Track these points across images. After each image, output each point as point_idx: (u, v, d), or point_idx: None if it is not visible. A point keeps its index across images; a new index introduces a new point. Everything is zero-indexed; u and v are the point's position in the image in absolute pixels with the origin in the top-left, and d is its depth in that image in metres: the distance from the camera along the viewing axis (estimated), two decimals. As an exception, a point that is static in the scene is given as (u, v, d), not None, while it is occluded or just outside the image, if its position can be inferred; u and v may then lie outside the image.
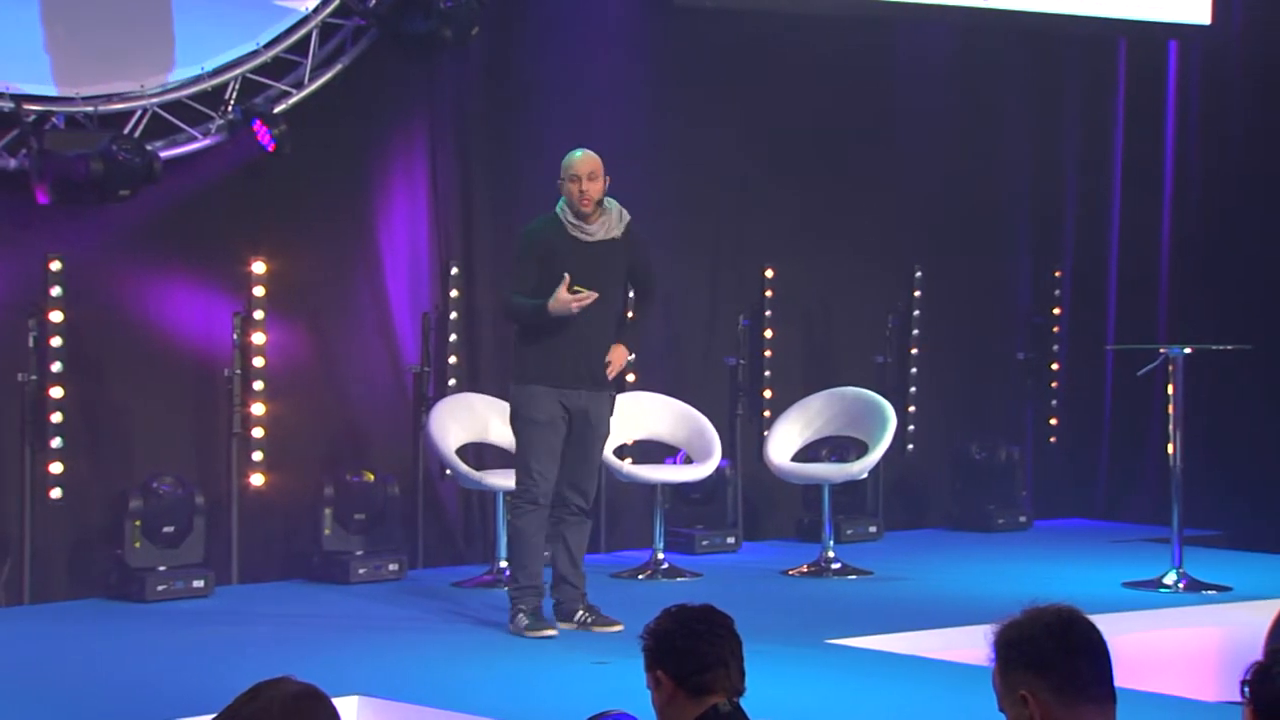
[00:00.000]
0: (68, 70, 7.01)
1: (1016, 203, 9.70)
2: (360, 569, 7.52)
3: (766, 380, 8.70)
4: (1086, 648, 2.60)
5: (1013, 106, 9.61)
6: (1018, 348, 9.58)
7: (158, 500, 7.11)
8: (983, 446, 9.20)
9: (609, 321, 6.37)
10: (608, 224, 6.36)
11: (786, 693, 5.29)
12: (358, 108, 7.79)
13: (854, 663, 6.12)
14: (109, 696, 5.47)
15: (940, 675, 5.91)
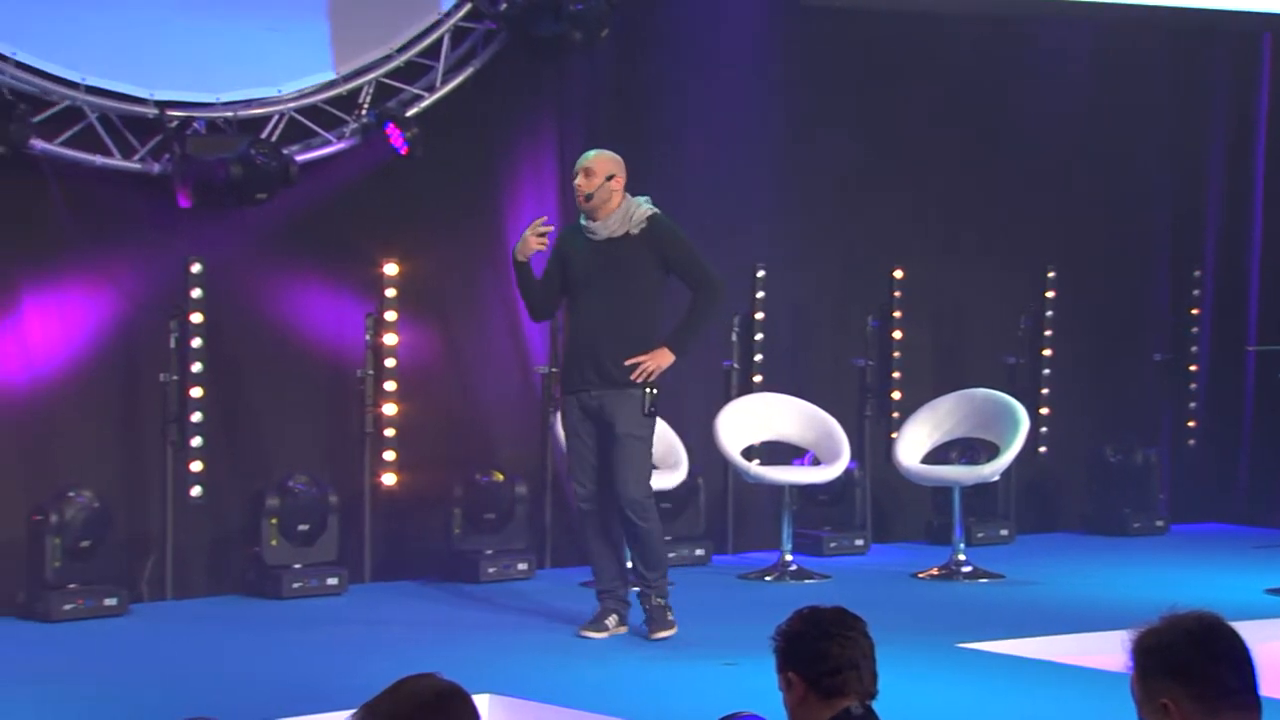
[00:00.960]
0: (208, 76, 7.23)
1: (1155, 201, 9.58)
2: (489, 568, 7.66)
3: (895, 382, 8.70)
4: (1229, 654, 2.58)
5: (1151, 103, 9.49)
6: (1155, 348, 9.47)
7: (293, 499, 7.30)
8: (1118, 449, 9.10)
9: (619, 320, 6.29)
10: (616, 221, 6.31)
11: (918, 696, 5.30)
12: (488, 110, 7.93)
13: (986, 667, 6.11)
14: (246, 691, 5.60)
15: (1074, 681, 5.88)
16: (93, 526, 6.76)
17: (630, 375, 6.26)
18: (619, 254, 6.30)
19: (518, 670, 5.92)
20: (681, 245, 6.38)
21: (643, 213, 6.33)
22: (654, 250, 6.31)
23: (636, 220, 6.31)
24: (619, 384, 6.27)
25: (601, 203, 6.33)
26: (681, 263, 6.36)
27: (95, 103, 6.97)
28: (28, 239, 6.88)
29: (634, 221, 6.31)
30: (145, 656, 6.17)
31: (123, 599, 6.78)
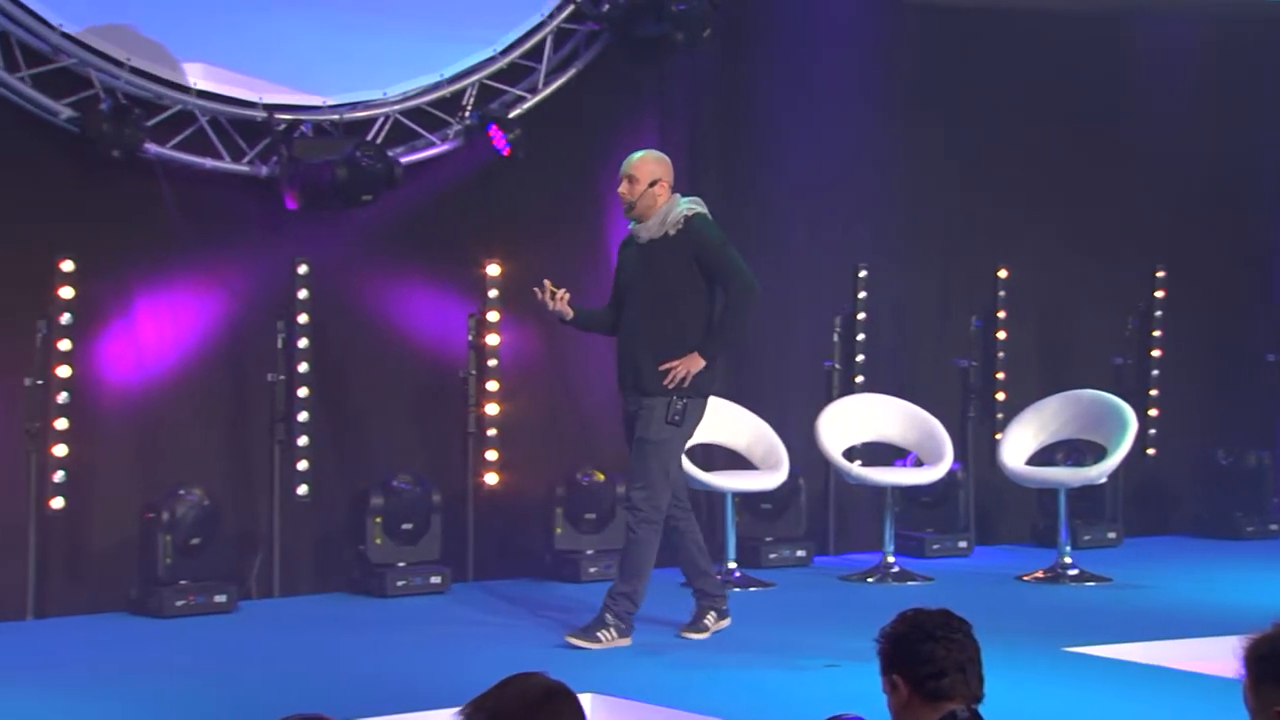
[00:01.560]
0: (316, 79, 7.36)
1: (1267, 199, 9.44)
2: (591, 568, 7.72)
3: (999, 382, 8.65)
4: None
5: (1266, 99, 9.35)
6: (1268, 349, 9.32)
7: (397, 498, 7.41)
8: (1230, 451, 8.98)
9: (652, 323, 6.21)
10: (656, 224, 6.24)
11: (1024, 701, 5.28)
12: (590, 111, 8.00)
13: (1093, 671, 6.07)
14: (352, 688, 5.68)
15: (1184, 687, 5.82)
16: (203, 524, 6.90)
17: (663, 382, 6.16)
18: (656, 256, 6.23)
19: (619, 670, 5.95)
20: (713, 245, 6.22)
21: (680, 213, 6.22)
22: (687, 251, 6.20)
23: (673, 221, 6.22)
24: (650, 392, 6.18)
25: (646, 208, 6.25)
26: (713, 264, 6.21)
27: (206, 106, 7.13)
28: (140, 240, 7.04)
29: (670, 222, 6.22)
30: (253, 653, 6.28)
31: (231, 595, 6.92)
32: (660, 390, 6.15)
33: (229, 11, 7.23)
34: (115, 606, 6.85)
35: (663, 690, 5.66)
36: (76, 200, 6.88)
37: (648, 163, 6.28)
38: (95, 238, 6.84)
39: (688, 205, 6.27)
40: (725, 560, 7.68)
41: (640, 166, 6.27)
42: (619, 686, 5.64)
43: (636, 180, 6.25)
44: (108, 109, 6.77)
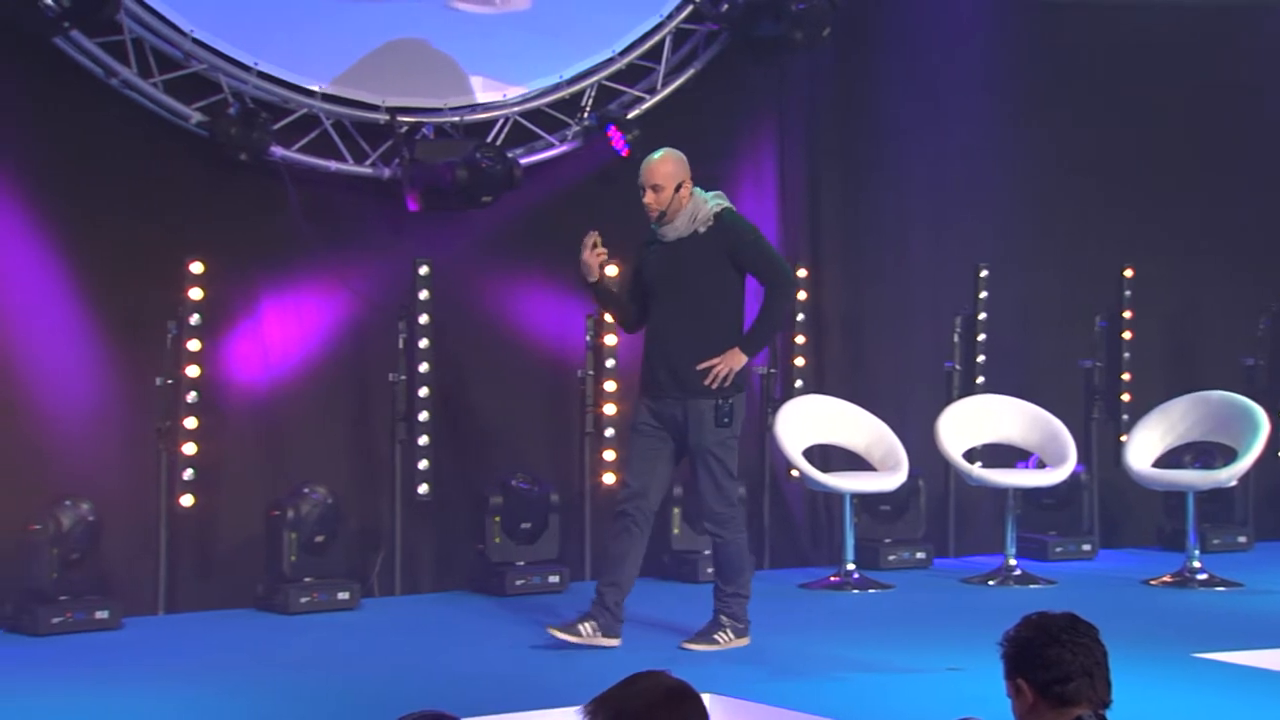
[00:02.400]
0: (437, 82, 7.47)
1: None
2: (708, 568, 7.73)
3: (1124, 384, 8.55)
4: None
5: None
6: None
7: (516, 497, 7.50)
8: (1366, 455, 8.80)
9: (690, 323, 6.09)
10: (683, 222, 6.12)
11: (1152, 707, 5.24)
12: (708, 111, 8.04)
13: (1224, 678, 5.99)
14: (473, 685, 5.75)
15: (1319, 695, 5.73)
16: (326, 522, 7.03)
17: (704, 380, 6.04)
18: (687, 254, 6.10)
19: (738, 670, 5.98)
20: (748, 240, 6.13)
21: (709, 210, 6.11)
22: (721, 247, 6.08)
23: (703, 218, 6.10)
24: (694, 391, 6.05)
25: (675, 213, 6.13)
26: (749, 259, 6.11)
27: (330, 110, 7.27)
28: (266, 242, 7.19)
29: (700, 220, 6.10)
30: (375, 649, 6.39)
31: (354, 593, 7.05)
32: (705, 391, 6.04)
33: (351, 15, 7.36)
34: (242, 603, 7.00)
35: (782, 692, 5.68)
36: (205, 203, 7.05)
37: (668, 169, 6.13)
38: (223, 240, 7.00)
39: (715, 201, 6.16)
40: (844, 561, 7.68)
41: (663, 173, 6.12)
42: (738, 687, 5.66)
43: (662, 188, 6.11)
44: (235, 113, 6.93)
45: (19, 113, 6.63)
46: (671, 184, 6.11)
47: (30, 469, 6.59)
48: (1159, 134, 8.82)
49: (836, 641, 6.48)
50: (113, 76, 6.80)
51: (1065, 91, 8.68)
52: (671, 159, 6.18)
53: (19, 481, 6.54)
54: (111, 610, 6.51)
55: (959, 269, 8.46)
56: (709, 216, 6.10)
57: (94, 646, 6.23)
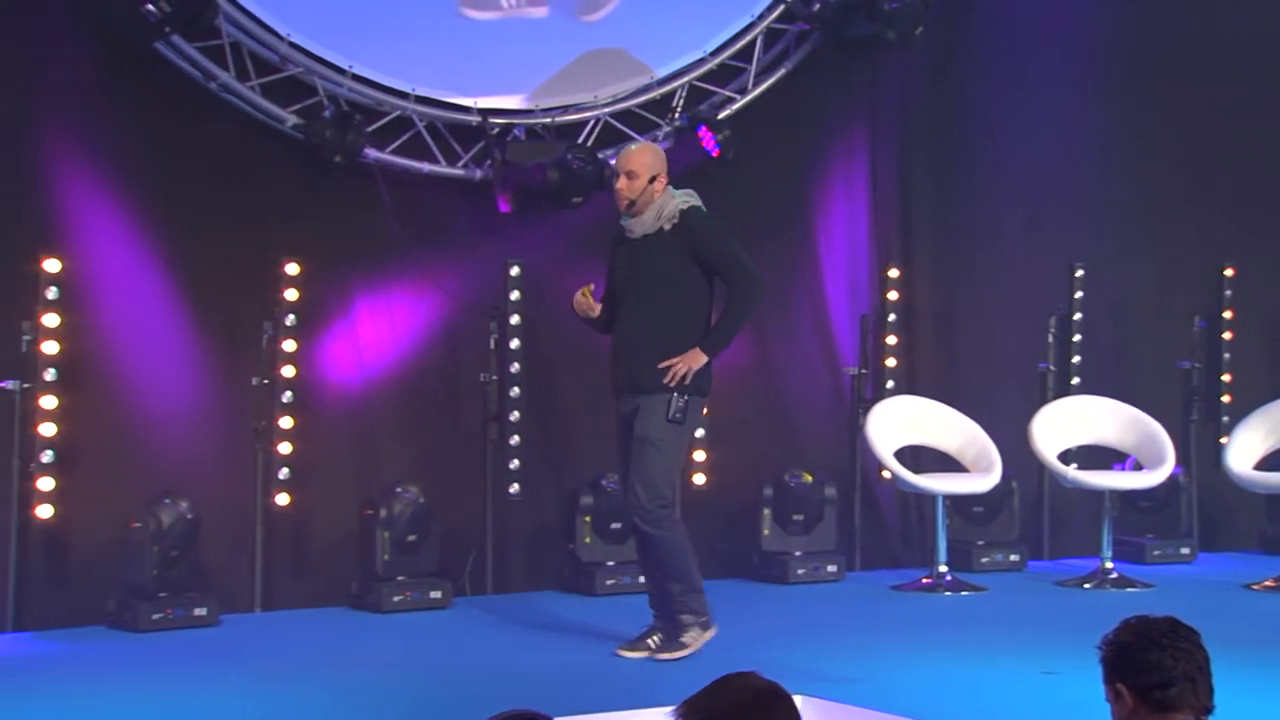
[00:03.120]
0: (528, 83, 7.54)
1: None
2: (799, 569, 7.77)
3: (1224, 385, 8.46)
4: None
5: None
6: None
7: (606, 497, 7.55)
8: None
9: (651, 322, 5.95)
10: (650, 218, 5.98)
11: (1257, 714, 5.19)
12: (799, 111, 8.05)
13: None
14: (565, 685, 5.78)
15: None
16: (419, 521, 7.13)
17: (663, 379, 5.90)
18: (651, 251, 5.97)
19: (828, 672, 5.97)
20: (712, 239, 5.96)
21: (675, 206, 5.96)
22: (685, 246, 5.93)
23: (668, 216, 5.96)
24: (649, 390, 5.92)
25: (645, 204, 5.99)
26: (713, 257, 5.94)
27: (423, 112, 7.37)
28: (360, 243, 7.29)
29: (665, 217, 5.96)
30: (467, 648, 6.45)
31: (446, 592, 7.13)
32: (660, 388, 5.90)
33: (443, 17, 7.45)
34: (336, 601, 7.11)
35: (874, 694, 5.68)
36: (300, 205, 7.17)
37: (646, 159, 6.00)
38: (318, 241, 7.11)
39: (683, 198, 6.01)
40: (936, 563, 7.66)
41: (640, 161, 5.98)
42: (828, 689, 5.67)
43: (637, 175, 5.97)
44: (331, 115, 7.04)
45: (121, 117, 6.77)
46: (646, 174, 5.97)
47: (132, 467, 6.73)
48: (1259, 129, 8.70)
49: (929, 644, 6.46)
50: (211, 80, 6.93)
51: (1159, 87, 8.60)
52: (650, 150, 6.10)
53: (122, 480, 6.68)
54: (209, 607, 6.64)
55: (1053, 268, 8.41)
56: (674, 214, 5.96)
57: (192, 643, 6.35)
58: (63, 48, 6.61)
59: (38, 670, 5.91)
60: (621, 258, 6.07)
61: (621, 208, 6.01)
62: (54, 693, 5.53)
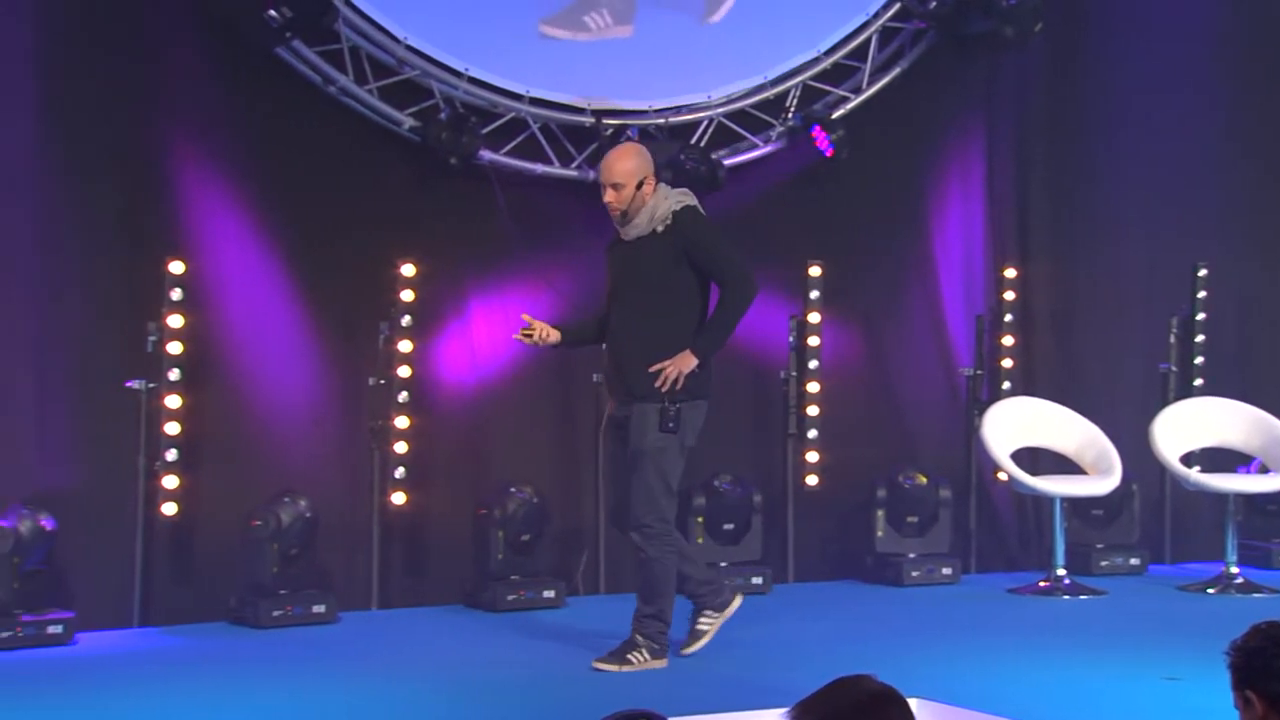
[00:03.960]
0: (642, 84, 7.60)
1: None
2: (913, 571, 7.76)
3: (1355, 386, 8.32)
4: None
5: None
6: None
7: (719, 498, 7.59)
8: None
9: (642, 324, 5.84)
10: (643, 220, 5.86)
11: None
12: (914, 110, 8.03)
13: None
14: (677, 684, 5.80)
15: None
16: (533, 521, 7.20)
17: (654, 384, 5.78)
18: (643, 254, 5.85)
19: (944, 675, 5.95)
20: (702, 238, 5.83)
21: (667, 207, 5.84)
22: (677, 247, 5.81)
23: (660, 217, 5.84)
24: (641, 394, 5.79)
25: (637, 211, 5.87)
26: (703, 257, 5.80)
27: (537, 113, 7.45)
28: (475, 244, 7.38)
29: (658, 218, 5.84)
30: (581, 647, 6.50)
31: (559, 591, 7.21)
32: (652, 394, 5.78)
33: (557, 19, 7.54)
34: (451, 599, 7.21)
35: (990, 698, 5.65)
36: (416, 206, 7.28)
37: (629, 167, 5.85)
38: (433, 242, 7.22)
39: (676, 198, 5.90)
40: (1054, 566, 7.61)
41: (623, 170, 5.84)
42: (943, 692, 5.65)
43: (623, 186, 5.84)
44: (446, 118, 7.15)
45: (242, 121, 6.93)
46: (632, 181, 5.85)
47: (253, 466, 6.88)
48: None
49: (1047, 647, 6.41)
50: (330, 84, 7.07)
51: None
52: (632, 155, 5.93)
53: (242, 478, 6.83)
54: (328, 605, 6.76)
55: (1174, 268, 8.31)
56: (667, 215, 5.84)
57: (311, 640, 6.47)
58: (187, 54, 6.77)
59: (164, 664, 6.06)
60: (616, 260, 5.96)
61: (615, 221, 5.89)
62: (180, 688, 5.66)
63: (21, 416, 6.45)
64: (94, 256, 6.60)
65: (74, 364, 6.55)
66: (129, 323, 6.58)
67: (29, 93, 6.46)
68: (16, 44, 6.44)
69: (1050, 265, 8.35)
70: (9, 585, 6.13)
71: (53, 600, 6.33)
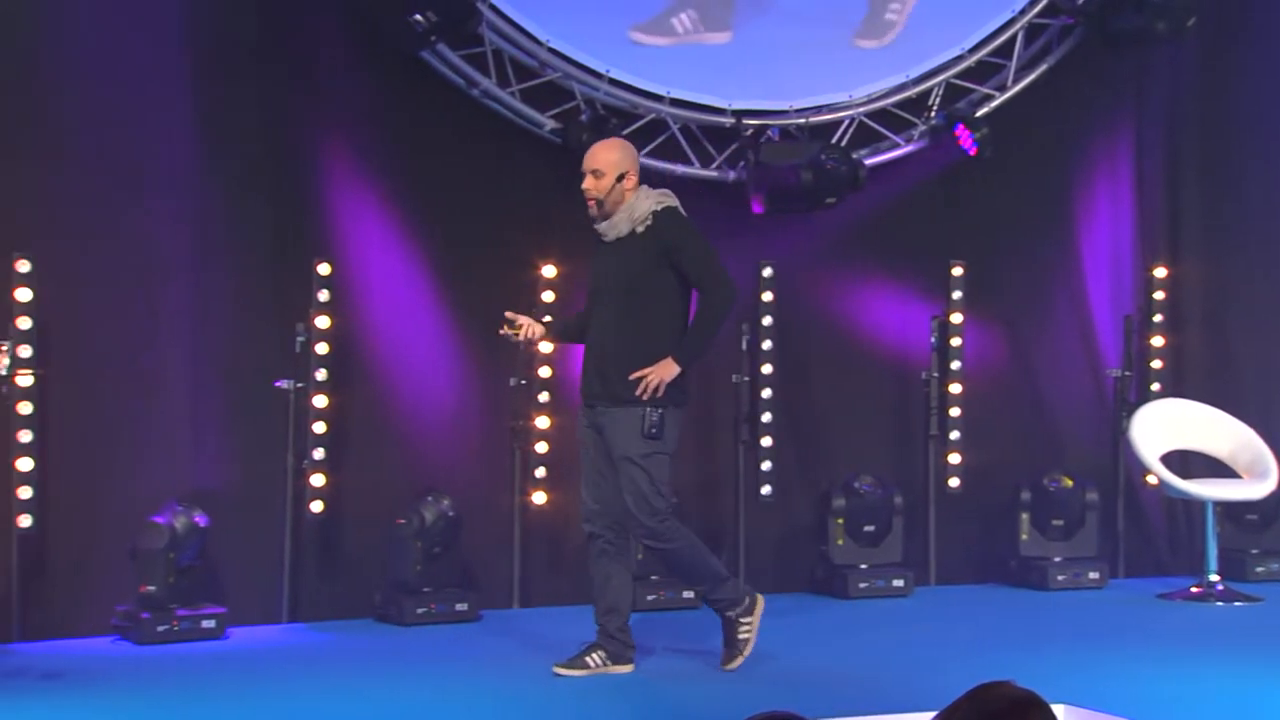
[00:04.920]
0: (782, 84, 7.62)
1: None
2: (1059, 575, 7.68)
3: None
4: None
5: None
6: None
7: (859, 499, 7.59)
8: None
9: (622, 328, 5.73)
10: (622, 220, 5.75)
11: None
12: (1061, 108, 7.95)
13: None
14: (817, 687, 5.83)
15: None
16: (673, 520, 7.25)
17: (635, 390, 5.66)
18: (623, 255, 5.73)
19: (1090, 681, 5.90)
20: (684, 242, 5.70)
21: (646, 207, 5.73)
22: (657, 249, 5.69)
23: (640, 217, 5.71)
24: (620, 400, 5.68)
25: (614, 205, 5.75)
26: (684, 261, 5.68)
27: (678, 114, 7.50)
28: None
29: (638, 219, 5.72)
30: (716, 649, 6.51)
31: (699, 591, 7.23)
32: (631, 400, 5.67)
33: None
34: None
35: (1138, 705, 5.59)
36: (557, 207, 7.34)
37: (614, 156, 5.76)
38: (574, 244, 7.27)
39: (656, 199, 5.77)
40: (1206, 572, 7.49)
41: (605, 159, 5.75)
42: (1090, 699, 5.60)
43: (603, 174, 5.73)
44: (587, 119, 7.22)
45: (387, 124, 7.07)
46: (613, 172, 5.73)
47: (397, 465, 7.02)
48: None
49: (1198, 655, 6.33)
50: (474, 87, 7.18)
51: None
52: (617, 146, 5.84)
53: (387, 477, 6.97)
54: (470, 603, 6.88)
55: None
56: (646, 215, 5.72)
57: (454, 637, 6.58)
58: (333, 60, 6.92)
59: (312, 660, 6.21)
60: (598, 262, 5.87)
61: (590, 209, 5.79)
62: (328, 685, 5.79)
63: (176, 416, 6.65)
64: (244, 259, 6.78)
65: (226, 364, 6.74)
66: (278, 324, 6.74)
67: (185, 103, 6.65)
68: (173, 59, 6.63)
69: (1201, 264, 8.21)
70: (165, 580, 6.33)
71: (206, 595, 6.52)
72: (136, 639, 6.31)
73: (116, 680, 5.79)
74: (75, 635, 6.35)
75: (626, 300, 5.74)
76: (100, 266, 6.52)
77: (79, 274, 6.45)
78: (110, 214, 6.53)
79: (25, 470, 6.26)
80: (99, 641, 6.36)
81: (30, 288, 6.26)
